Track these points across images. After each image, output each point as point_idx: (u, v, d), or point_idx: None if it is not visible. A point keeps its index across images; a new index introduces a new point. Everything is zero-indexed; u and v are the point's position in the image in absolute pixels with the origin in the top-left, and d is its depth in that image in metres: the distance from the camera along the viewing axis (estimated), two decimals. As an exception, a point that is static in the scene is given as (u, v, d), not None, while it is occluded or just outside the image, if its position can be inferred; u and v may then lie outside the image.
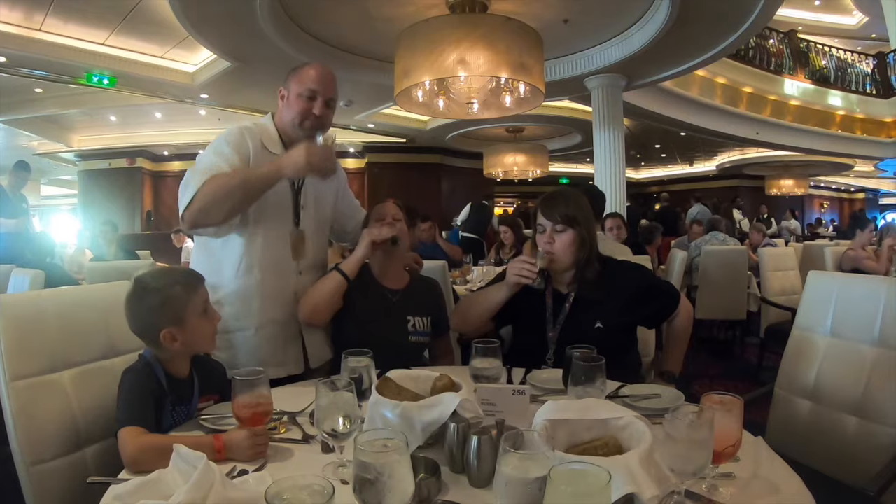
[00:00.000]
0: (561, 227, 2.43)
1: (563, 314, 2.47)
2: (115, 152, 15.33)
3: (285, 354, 2.54)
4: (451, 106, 6.24)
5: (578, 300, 2.47)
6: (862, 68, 14.64)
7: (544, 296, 2.53)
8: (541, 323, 2.50)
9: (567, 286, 2.52)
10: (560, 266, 2.46)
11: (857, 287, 2.38)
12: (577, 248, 2.44)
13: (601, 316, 2.43)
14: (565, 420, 1.38)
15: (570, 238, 2.43)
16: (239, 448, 1.57)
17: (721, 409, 1.34)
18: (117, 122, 13.98)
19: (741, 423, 1.37)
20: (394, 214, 2.66)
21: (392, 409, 1.54)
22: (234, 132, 2.43)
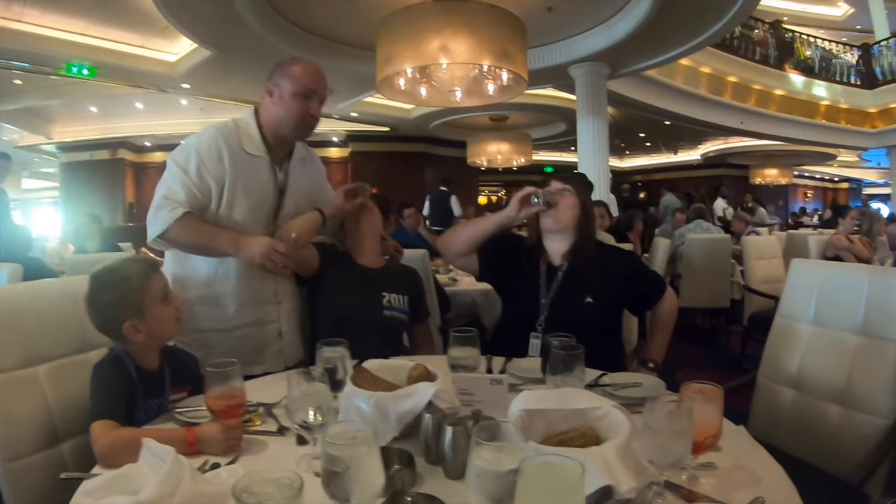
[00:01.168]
0: (569, 190, 2.54)
1: (555, 282, 2.52)
2: (97, 144, 15.15)
3: (262, 354, 2.50)
4: (434, 94, 6.17)
5: (571, 273, 2.52)
6: (846, 59, 14.72)
7: (538, 264, 2.58)
8: (534, 289, 2.54)
9: (560, 259, 2.56)
10: (559, 223, 2.52)
11: (840, 275, 2.37)
12: (578, 215, 2.53)
13: (592, 291, 2.47)
14: (542, 410, 1.34)
15: (574, 202, 2.53)
16: (212, 441, 1.54)
17: (701, 399, 1.30)
18: (98, 114, 13.82)
19: (721, 413, 1.34)
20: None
21: (366, 400, 1.50)
22: (207, 137, 2.36)
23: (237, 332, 2.44)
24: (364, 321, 2.47)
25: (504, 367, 2.22)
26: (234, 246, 2.27)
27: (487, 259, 2.66)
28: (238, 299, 2.42)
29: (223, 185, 2.33)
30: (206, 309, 2.40)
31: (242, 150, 2.38)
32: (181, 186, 2.28)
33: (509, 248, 2.67)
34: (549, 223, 2.53)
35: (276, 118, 2.41)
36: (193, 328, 2.37)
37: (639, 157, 22.32)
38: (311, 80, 2.38)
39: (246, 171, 2.38)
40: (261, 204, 2.42)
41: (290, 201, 2.52)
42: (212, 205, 2.34)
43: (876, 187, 25.99)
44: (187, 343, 2.34)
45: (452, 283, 4.76)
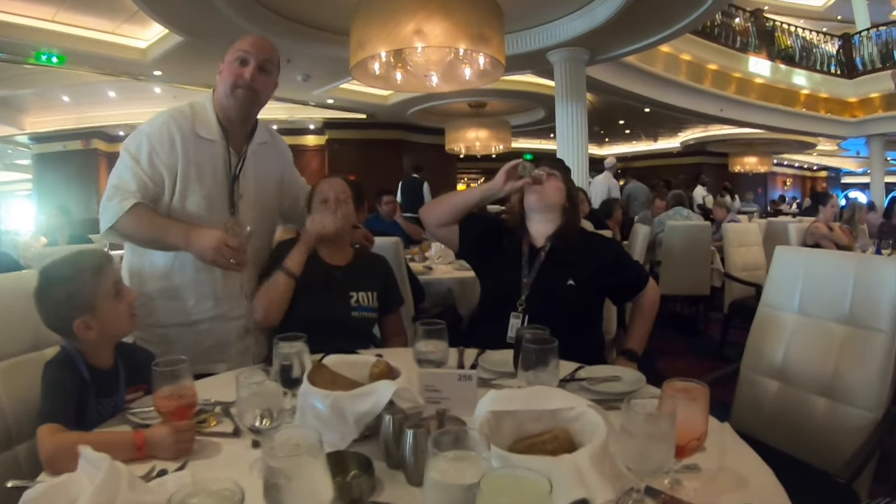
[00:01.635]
0: (556, 175, 2.52)
1: (537, 262, 2.48)
2: (70, 134, 14.82)
3: (225, 351, 2.39)
4: (409, 79, 6.05)
5: (553, 254, 2.48)
6: (826, 49, 14.82)
7: (520, 244, 2.54)
8: (515, 268, 2.50)
9: (544, 240, 2.51)
10: (545, 200, 2.49)
11: (825, 263, 2.30)
12: (565, 199, 2.53)
13: (574, 274, 2.43)
14: (511, 411, 1.23)
15: (561, 186, 2.53)
16: (161, 445, 1.45)
17: (684, 398, 1.19)
18: (70, 103, 13.51)
19: (707, 414, 1.23)
20: (338, 193, 2.49)
21: (322, 400, 1.39)
22: (159, 123, 2.25)
23: (197, 327, 2.34)
24: (332, 324, 2.35)
25: (476, 360, 2.12)
26: (185, 239, 2.14)
27: (469, 233, 2.61)
28: (197, 292, 2.31)
29: (176, 174, 2.22)
30: (165, 303, 2.30)
31: (195, 135, 2.27)
32: (132, 176, 2.18)
33: (491, 227, 2.64)
34: (534, 200, 2.49)
35: (219, 93, 2.31)
36: (153, 323, 2.28)
37: (618, 144, 22.25)
38: (247, 44, 2.27)
39: (199, 157, 2.27)
40: (216, 193, 2.30)
41: (248, 188, 2.39)
42: (165, 195, 2.23)
43: (854, 176, 26.30)
44: (147, 339, 2.24)
45: (427, 271, 4.65)
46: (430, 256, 5.23)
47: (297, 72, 9.97)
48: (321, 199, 2.49)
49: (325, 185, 2.51)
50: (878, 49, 14.09)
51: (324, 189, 2.50)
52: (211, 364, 2.31)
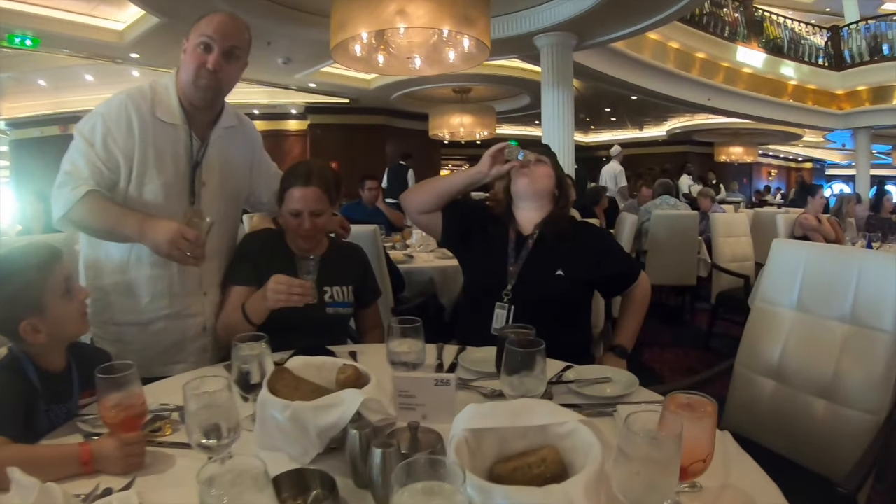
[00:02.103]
0: (545, 160, 2.41)
1: (525, 251, 2.36)
2: (47, 119, 14.49)
3: (182, 351, 2.25)
4: (392, 62, 5.91)
5: (541, 242, 2.37)
6: (814, 41, 14.83)
7: (506, 231, 2.43)
8: (501, 256, 2.38)
9: (532, 227, 2.41)
10: (534, 185, 2.39)
11: (827, 258, 2.18)
12: (554, 186, 2.43)
13: (563, 264, 2.31)
14: (493, 428, 1.08)
15: (548, 170, 2.42)
16: (109, 460, 1.32)
17: (689, 415, 1.04)
18: (47, 87, 13.21)
19: (714, 432, 1.09)
20: (312, 208, 2.25)
21: (282, 411, 1.25)
22: (115, 104, 2.07)
23: (152, 327, 2.18)
24: (304, 322, 2.19)
25: (456, 358, 1.98)
26: (139, 231, 1.95)
27: (452, 220, 2.50)
28: (152, 289, 2.15)
29: (133, 159, 2.06)
30: (120, 299, 2.15)
31: (155, 118, 2.10)
32: (85, 161, 2.01)
33: (475, 214, 2.55)
34: (522, 185, 2.40)
35: (182, 77, 2.13)
36: (109, 320, 2.16)
37: (604, 132, 22.24)
38: (211, 28, 2.06)
39: (158, 142, 2.10)
40: (175, 181, 2.13)
41: (212, 176, 2.23)
42: (121, 181, 2.07)
43: (839, 168, 26.53)
44: (103, 337, 2.14)
45: (408, 259, 4.52)
46: (411, 244, 5.10)
47: (277, 54, 9.80)
48: (291, 211, 2.26)
49: (297, 195, 2.25)
50: (866, 42, 14.11)
51: (294, 198, 2.25)
52: (167, 365, 2.18)
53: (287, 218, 2.29)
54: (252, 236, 2.43)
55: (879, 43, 13.84)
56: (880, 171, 19.20)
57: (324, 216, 2.30)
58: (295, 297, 1.93)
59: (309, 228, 2.26)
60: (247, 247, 2.36)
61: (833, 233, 5.51)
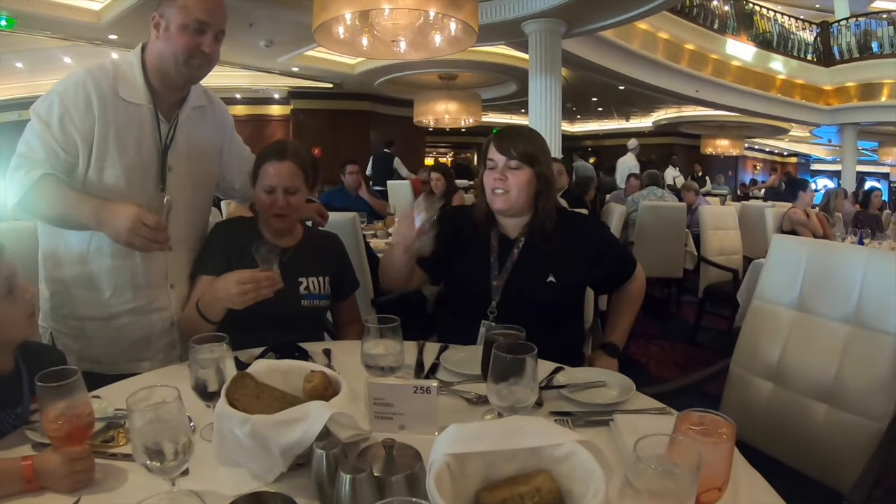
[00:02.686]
0: (516, 163, 2.09)
1: (510, 261, 2.14)
2: (25, 102, 13.88)
3: (148, 349, 2.11)
4: (376, 45, 5.75)
5: (529, 247, 2.15)
6: (804, 36, 14.84)
7: (489, 237, 2.19)
8: (483, 268, 2.16)
9: (517, 231, 2.18)
10: (513, 208, 2.13)
11: (831, 255, 2.06)
12: (534, 190, 2.13)
13: (554, 269, 2.11)
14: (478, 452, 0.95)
15: (527, 177, 2.10)
16: (53, 477, 1.18)
17: (706, 440, 0.91)
18: (25, 70, 12.97)
19: (732, 457, 0.96)
20: (286, 185, 2.13)
21: (240, 426, 1.11)
22: (74, 81, 1.92)
23: (116, 322, 2.05)
24: (279, 316, 2.06)
25: (438, 357, 1.86)
26: (96, 218, 1.80)
27: (431, 263, 2.20)
28: (114, 281, 2.01)
29: (92, 141, 1.91)
30: (81, 292, 2.02)
31: (118, 97, 1.94)
32: (41, 143, 1.87)
33: (454, 226, 2.22)
34: (499, 204, 2.12)
35: (160, 55, 1.96)
36: (70, 315, 2.04)
37: (590, 122, 22.19)
38: (203, 11, 1.92)
39: (120, 123, 1.95)
40: (139, 164, 1.99)
41: (179, 160, 2.08)
42: (80, 165, 1.92)
43: (824, 163, 26.66)
44: (63, 331, 2.04)
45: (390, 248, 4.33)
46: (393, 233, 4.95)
47: (259, 37, 9.65)
48: (265, 187, 2.14)
49: (271, 171, 2.14)
50: (856, 39, 14.16)
51: (269, 174, 2.14)
52: (132, 363, 2.06)
53: (260, 196, 2.16)
54: (223, 224, 2.29)
55: (869, 40, 13.90)
56: (863, 167, 19.30)
57: (299, 195, 2.18)
58: (264, 290, 1.78)
59: (283, 206, 2.13)
60: (217, 234, 2.22)
61: (821, 228, 5.46)
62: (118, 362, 2.04)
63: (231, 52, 10.57)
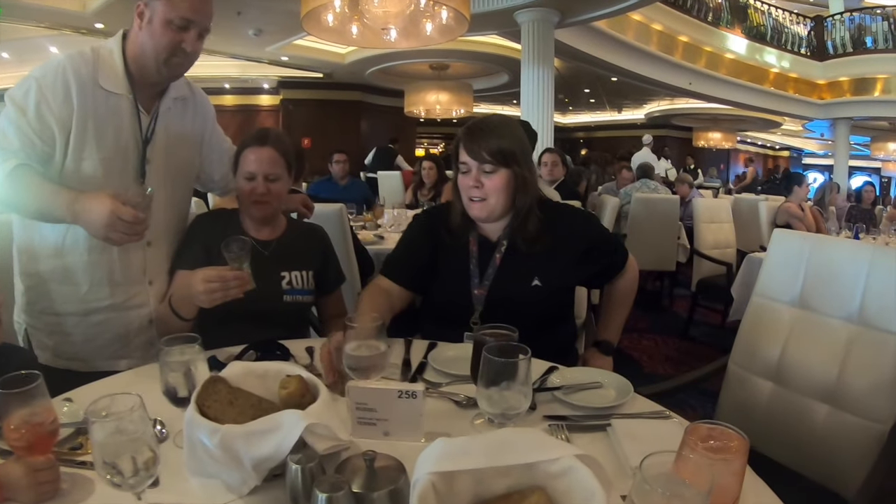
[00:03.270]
0: (490, 167, 1.89)
1: (492, 267, 1.98)
2: (12, 93, 14.06)
3: (127, 346, 2.03)
4: (366, 33, 5.65)
5: (512, 251, 1.99)
6: (797, 30, 14.82)
7: (467, 243, 2.03)
8: (463, 277, 2.00)
9: (497, 233, 2.02)
10: (493, 215, 1.96)
11: (834, 252, 1.98)
12: (513, 192, 1.93)
13: (540, 271, 1.97)
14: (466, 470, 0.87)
15: (504, 180, 1.91)
16: (16, 488, 1.10)
17: (716, 457, 0.83)
18: (12, 60, 12.72)
19: (744, 474, 0.88)
20: (267, 171, 2.07)
21: (210, 436, 1.02)
22: (52, 68, 1.83)
23: (94, 318, 1.97)
24: (260, 312, 1.99)
25: (426, 356, 1.78)
26: (71, 211, 1.71)
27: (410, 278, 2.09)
28: (91, 276, 1.94)
29: (70, 129, 1.82)
30: (58, 286, 1.95)
31: (97, 86, 1.86)
32: (16, 131, 1.79)
33: (430, 232, 2.09)
34: (477, 214, 1.97)
35: (141, 47, 1.88)
36: (46, 310, 1.97)
37: (582, 113, 22.16)
38: (190, 9, 1.83)
39: (99, 113, 1.86)
40: (118, 156, 1.90)
41: (159, 152, 2.00)
42: (56, 155, 1.83)
43: (816, 158, 26.81)
44: (39, 328, 1.98)
45: (378, 240, 4.27)
46: (382, 224, 4.86)
47: (248, 26, 9.54)
48: (246, 175, 2.07)
49: (251, 157, 2.07)
50: (850, 34, 14.14)
51: (249, 160, 2.07)
52: (110, 360, 2.00)
53: (241, 185, 2.08)
54: (203, 216, 2.21)
55: (863, 35, 13.86)
56: (855, 162, 19.37)
57: (280, 183, 2.11)
58: (233, 290, 1.69)
59: (263, 193, 2.06)
60: (197, 227, 2.15)
61: (814, 223, 5.43)
62: (95, 360, 1.98)
63: (219, 40, 10.46)
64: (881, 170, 24.12)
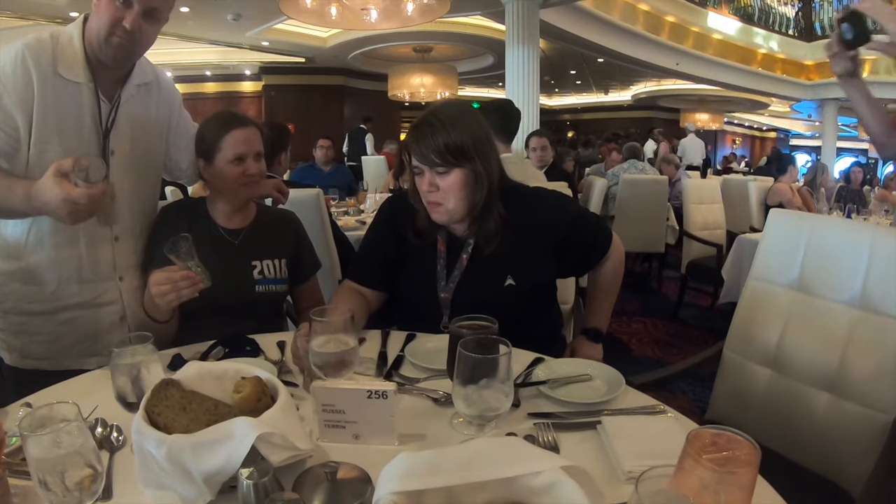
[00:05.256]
0: (443, 168, 1.72)
1: (458, 269, 1.83)
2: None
3: (97, 344, 1.94)
4: (346, 14, 5.56)
5: (479, 249, 1.83)
6: (784, 11, 14.81)
7: (434, 241, 1.87)
8: (430, 281, 1.85)
9: (464, 231, 1.86)
10: (455, 217, 1.78)
11: (834, 233, 1.88)
12: (472, 190, 1.75)
13: (513, 269, 1.81)
14: (436, 488, 0.76)
15: (461, 178, 1.73)
16: None
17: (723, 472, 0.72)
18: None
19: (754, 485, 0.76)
20: (257, 149, 2.01)
21: (157, 446, 0.91)
22: (11, 57, 1.72)
23: (61, 316, 1.89)
24: (232, 304, 1.90)
25: (403, 349, 1.67)
26: (26, 199, 1.60)
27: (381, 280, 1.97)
28: (59, 274, 1.86)
29: (31, 121, 1.72)
30: (22, 286, 1.86)
31: (56, 74, 1.75)
32: None
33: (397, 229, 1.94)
34: (438, 218, 1.80)
35: (91, 29, 1.77)
36: (11, 310, 1.89)
37: (568, 95, 22.10)
38: None
39: (60, 103, 1.76)
40: (80, 149, 1.78)
41: (123, 142, 1.90)
42: (22, 147, 1.73)
43: (803, 139, 27.01)
44: (4, 329, 1.91)
45: (361, 226, 4.14)
46: (365, 210, 4.75)
47: (226, 10, 9.40)
48: (234, 156, 1.94)
49: (239, 138, 1.95)
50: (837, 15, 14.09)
51: (236, 141, 1.95)
52: (81, 358, 1.91)
53: (226, 169, 1.96)
54: (168, 208, 2.10)
55: (851, 17, 13.87)
56: (843, 143, 19.49)
57: (263, 162, 2.04)
58: (184, 290, 1.58)
59: (255, 174, 1.98)
60: (162, 221, 2.04)
61: (804, 204, 5.42)
62: (63, 358, 1.89)
63: (198, 26, 10.32)
64: (868, 151, 24.20)
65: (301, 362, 1.46)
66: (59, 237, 1.80)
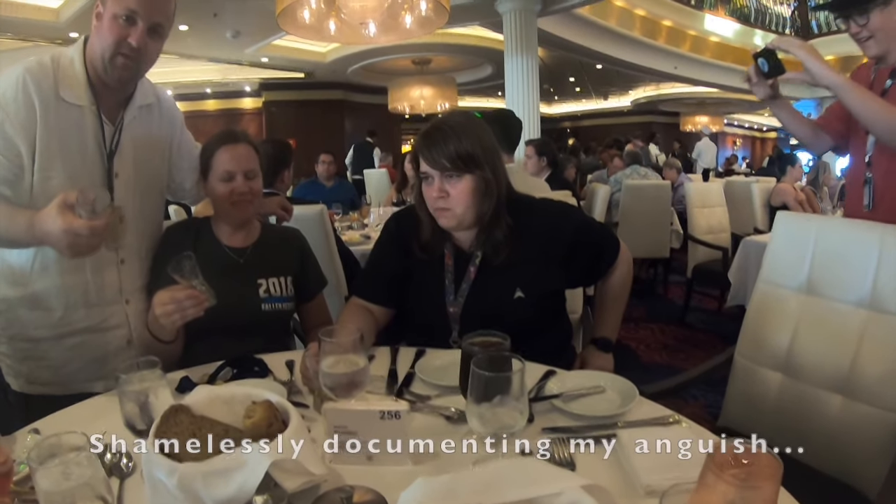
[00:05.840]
0: (454, 174, 1.72)
1: (466, 282, 1.82)
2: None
3: (104, 367, 1.91)
4: (344, 29, 5.53)
5: (487, 262, 1.82)
6: (780, 11, 14.74)
7: (442, 255, 1.87)
8: (438, 295, 1.85)
9: (471, 243, 1.86)
10: (463, 223, 1.78)
11: (842, 233, 1.88)
12: (482, 197, 1.75)
13: (522, 281, 1.80)
14: None
15: (471, 185, 1.73)
16: None
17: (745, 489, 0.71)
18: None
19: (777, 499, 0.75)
20: (246, 169, 1.98)
21: (168, 475, 0.90)
22: (12, 81, 1.70)
23: (68, 341, 1.88)
24: (239, 323, 1.90)
25: (413, 366, 1.66)
26: (29, 231, 1.58)
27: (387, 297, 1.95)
28: (66, 300, 1.85)
29: (34, 147, 1.71)
30: (29, 312, 1.84)
31: (59, 98, 1.74)
32: None
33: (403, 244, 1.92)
34: (446, 223, 1.79)
35: (93, 50, 1.77)
36: (17, 336, 1.87)
37: (568, 102, 22.14)
38: (135, 0, 1.70)
39: (62, 127, 1.75)
40: (84, 172, 1.79)
41: (128, 166, 1.89)
42: (26, 175, 1.72)
43: None
44: (10, 355, 1.89)
45: (365, 241, 4.12)
46: (369, 224, 4.74)
47: (225, 28, 9.45)
48: (222, 175, 1.95)
49: (226, 156, 1.95)
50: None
51: (224, 160, 1.96)
52: (88, 382, 1.89)
53: (217, 187, 1.97)
54: (173, 228, 2.10)
55: (847, 14, 13.87)
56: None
57: (258, 180, 2.02)
58: (189, 310, 1.58)
59: (245, 192, 1.96)
60: (167, 241, 2.03)
61: (808, 204, 5.40)
62: (71, 383, 1.88)
63: (197, 44, 10.36)
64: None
65: (311, 382, 1.44)
66: (64, 263, 1.78)
